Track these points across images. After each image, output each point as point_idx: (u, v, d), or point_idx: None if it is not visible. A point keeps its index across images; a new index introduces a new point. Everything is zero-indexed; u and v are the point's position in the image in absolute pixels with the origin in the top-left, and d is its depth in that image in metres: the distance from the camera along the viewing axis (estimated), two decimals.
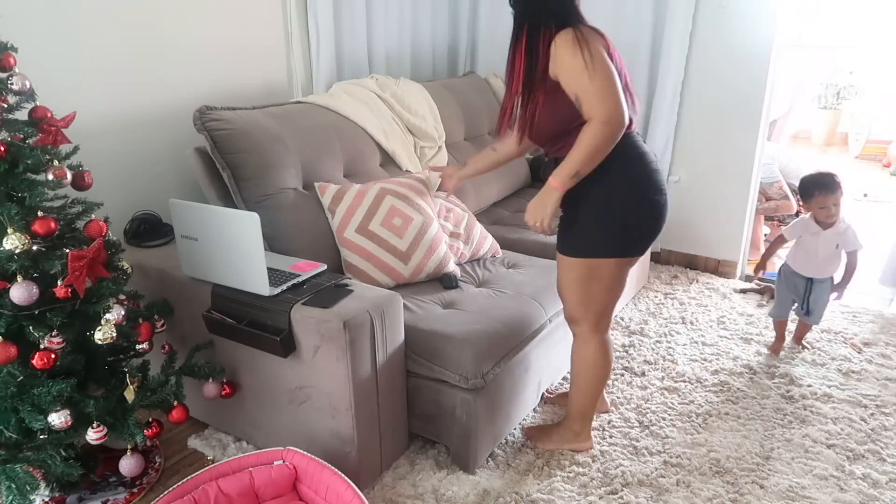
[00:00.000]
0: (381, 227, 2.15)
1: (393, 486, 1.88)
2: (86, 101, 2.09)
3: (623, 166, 1.68)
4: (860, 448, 2.04)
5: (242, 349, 1.87)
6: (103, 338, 1.61)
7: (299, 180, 2.24)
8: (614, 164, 1.65)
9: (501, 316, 1.98)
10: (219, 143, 2.06)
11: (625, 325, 2.85)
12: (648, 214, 1.73)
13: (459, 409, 1.85)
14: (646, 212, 1.73)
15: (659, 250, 3.53)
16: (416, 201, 2.24)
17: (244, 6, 2.55)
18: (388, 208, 2.18)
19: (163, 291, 1.96)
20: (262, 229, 1.67)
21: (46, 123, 1.57)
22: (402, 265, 2.15)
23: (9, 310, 1.51)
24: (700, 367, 2.51)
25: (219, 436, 2.12)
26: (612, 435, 2.11)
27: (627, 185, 1.70)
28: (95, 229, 1.64)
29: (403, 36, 3.29)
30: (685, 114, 3.26)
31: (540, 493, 1.85)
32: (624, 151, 1.67)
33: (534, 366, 2.11)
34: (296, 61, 2.80)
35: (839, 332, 2.78)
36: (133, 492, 1.86)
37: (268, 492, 1.68)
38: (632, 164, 1.70)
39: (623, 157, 1.67)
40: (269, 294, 1.75)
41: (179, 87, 2.38)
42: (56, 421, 1.56)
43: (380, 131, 2.64)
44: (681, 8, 3.02)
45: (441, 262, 2.20)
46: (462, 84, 3.31)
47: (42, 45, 1.96)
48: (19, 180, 1.53)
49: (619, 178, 1.69)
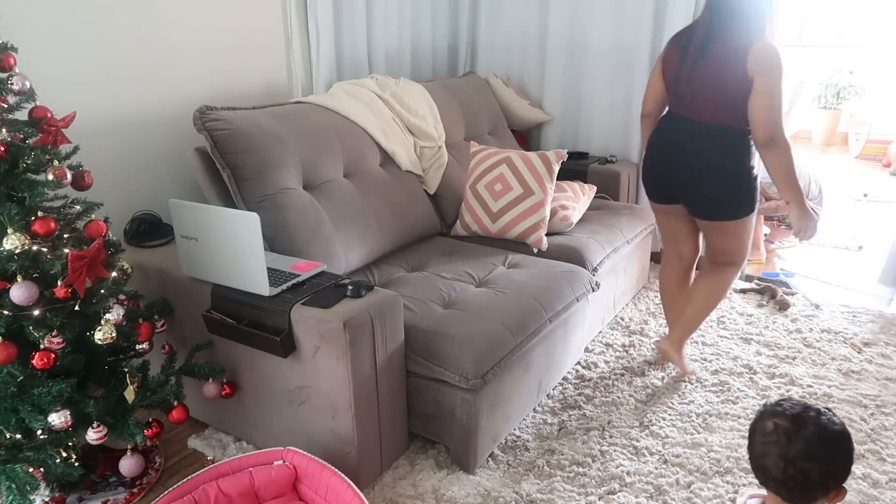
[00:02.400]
0: (485, 188, 2.62)
1: (393, 486, 1.88)
2: (86, 101, 2.09)
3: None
4: (860, 448, 2.04)
5: (242, 349, 1.88)
6: (103, 338, 1.61)
7: (299, 180, 2.24)
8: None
9: (501, 316, 1.98)
10: (219, 143, 2.06)
11: (625, 325, 2.85)
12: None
13: (459, 409, 1.85)
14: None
15: (659, 250, 3.53)
16: (526, 176, 2.54)
17: (244, 6, 2.55)
18: (497, 174, 2.59)
19: (163, 291, 1.96)
20: (262, 229, 1.67)
21: (46, 123, 1.58)
22: (491, 222, 2.59)
23: (9, 310, 1.51)
24: (700, 367, 2.51)
25: (219, 436, 2.12)
26: (612, 435, 2.11)
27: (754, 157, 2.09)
28: (95, 229, 1.64)
29: (403, 36, 3.29)
30: None
31: (540, 493, 1.85)
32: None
33: (534, 366, 2.11)
34: (296, 61, 2.80)
35: (839, 332, 2.78)
36: (133, 492, 1.86)
37: (268, 492, 1.68)
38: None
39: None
40: (269, 294, 1.75)
41: (179, 87, 2.38)
42: (56, 421, 1.56)
43: (380, 131, 2.64)
44: (681, 8, 3.02)
45: (524, 232, 2.57)
46: (462, 84, 3.31)
47: (42, 45, 1.96)
48: (19, 180, 1.53)
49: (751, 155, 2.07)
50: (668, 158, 2.18)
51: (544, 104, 3.59)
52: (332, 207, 2.28)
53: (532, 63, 3.59)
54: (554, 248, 2.56)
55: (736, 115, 1.99)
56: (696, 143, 2.09)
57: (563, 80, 3.50)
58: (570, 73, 3.48)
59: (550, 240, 2.61)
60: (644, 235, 2.98)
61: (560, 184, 2.87)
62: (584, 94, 3.48)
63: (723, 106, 2.01)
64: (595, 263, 2.51)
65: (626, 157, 3.44)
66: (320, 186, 2.32)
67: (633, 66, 3.28)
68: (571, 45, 3.43)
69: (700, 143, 2.08)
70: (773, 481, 1.16)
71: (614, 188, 3.22)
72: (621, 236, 2.75)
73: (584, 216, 2.86)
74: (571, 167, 3.23)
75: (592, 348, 2.65)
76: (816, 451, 1.11)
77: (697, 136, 2.08)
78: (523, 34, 3.56)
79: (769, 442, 1.16)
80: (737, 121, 2.00)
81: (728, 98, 1.99)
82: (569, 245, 2.56)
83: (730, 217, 2.14)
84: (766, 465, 1.16)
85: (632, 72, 3.29)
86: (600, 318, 2.71)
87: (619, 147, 3.46)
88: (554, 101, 3.55)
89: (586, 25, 3.34)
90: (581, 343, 2.50)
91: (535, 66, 3.59)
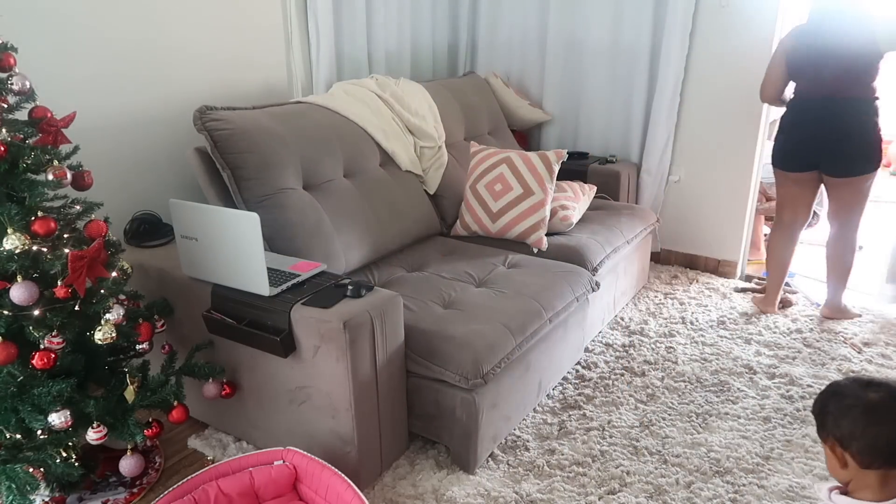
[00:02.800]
0: (485, 188, 2.62)
1: (393, 486, 1.88)
2: (86, 101, 2.09)
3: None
4: None
5: (242, 349, 1.87)
6: (103, 338, 1.61)
7: (299, 180, 2.24)
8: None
9: (501, 316, 1.98)
10: (219, 143, 2.06)
11: (625, 325, 2.85)
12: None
13: (459, 409, 1.85)
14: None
15: (659, 250, 3.53)
16: (526, 176, 2.55)
17: (244, 6, 2.55)
18: (497, 174, 2.60)
19: (163, 291, 1.96)
20: (262, 229, 1.67)
21: (46, 123, 1.57)
22: (491, 222, 2.59)
23: (9, 310, 1.51)
24: (700, 367, 2.51)
25: (219, 436, 2.12)
26: (612, 435, 2.11)
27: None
28: (95, 229, 1.64)
29: (403, 36, 3.29)
30: (685, 114, 3.26)
31: (540, 493, 1.85)
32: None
33: (534, 366, 2.11)
34: (296, 61, 2.80)
35: (839, 332, 2.78)
36: (133, 492, 1.86)
37: (268, 492, 1.68)
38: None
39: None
40: (269, 294, 1.75)
41: (179, 86, 2.38)
42: (56, 421, 1.56)
43: (380, 131, 2.64)
44: (681, 8, 3.02)
45: (524, 232, 2.57)
46: (462, 84, 3.31)
47: (42, 45, 1.96)
48: (19, 180, 1.53)
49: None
50: (817, 130, 2.58)
51: (544, 104, 3.59)
52: (332, 207, 2.28)
53: (532, 63, 3.59)
54: (554, 248, 2.56)
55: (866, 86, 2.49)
56: (839, 113, 2.54)
57: (562, 80, 3.50)
58: (569, 73, 3.48)
59: (550, 240, 2.61)
60: (644, 235, 2.98)
61: (560, 184, 2.87)
62: (583, 94, 3.48)
63: (855, 80, 2.49)
64: (595, 263, 2.51)
65: (626, 157, 3.44)
66: (320, 186, 2.32)
67: (633, 66, 3.28)
68: (571, 45, 3.43)
69: (843, 113, 2.54)
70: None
71: (614, 188, 3.22)
72: (621, 236, 2.75)
73: (584, 216, 2.86)
74: (571, 167, 3.23)
75: (592, 348, 2.65)
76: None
77: (839, 108, 2.54)
78: (523, 34, 3.56)
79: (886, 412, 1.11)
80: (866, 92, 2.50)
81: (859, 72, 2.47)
82: (569, 245, 2.56)
83: (863, 172, 2.59)
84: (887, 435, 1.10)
85: (632, 72, 3.29)
86: (600, 318, 2.71)
87: (619, 147, 3.46)
88: (554, 101, 3.55)
89: (586, 25, 3.34)
90: (581, 343, 2.50)
91: (535, 66, 3.59)
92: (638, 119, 3.34)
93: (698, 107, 3.22)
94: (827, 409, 1.17)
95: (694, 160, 3.32)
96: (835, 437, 1.15)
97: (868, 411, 1.11)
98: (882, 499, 1.11)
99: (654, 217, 3.12)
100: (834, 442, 1.15)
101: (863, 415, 1.11)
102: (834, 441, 1.15)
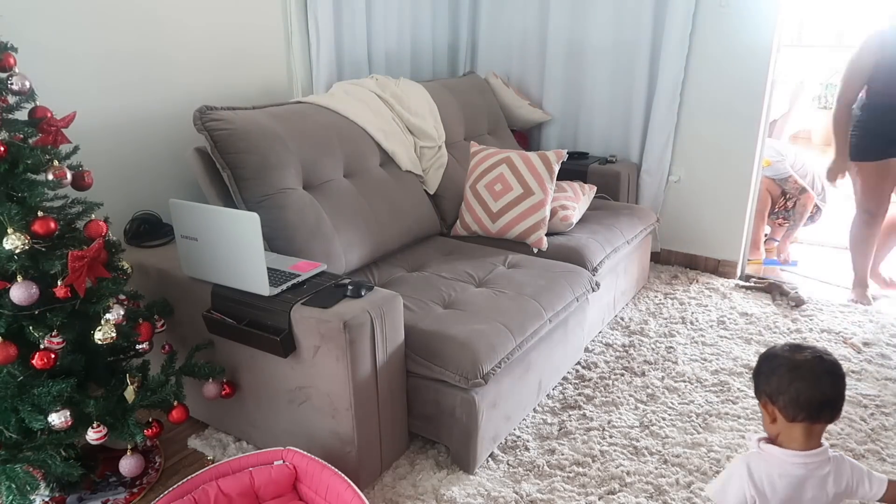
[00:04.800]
0: (485, 188, 2.63)
1: (393, 486, 1.88)
2: (86, 101, 2.09)
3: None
4: (860, 448, 2.04)
5: (242, 349, 1.87)
6: (103, 338, 1.61)
7: (299, 180, 2.24)
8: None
9: (501, 316, 1.98)
10: (219, 143, 2.06)
11: (625, 325, 2.85)
12: None
13: (459, 409, 1.85)
14: None
15: (659, 250, 3.53)
16: (526, 176, 2.55)
17: (244, 6, 2.55)
18: (497, 175, 2.60)
19: (163, 291, 1.96)
20: (262, 229, 1.67)
21: (46, 123, 1.57)
22: (491, 222, 2.59)
23: (9, 310, 1.51)
24: (700, 367, 2.51)
25: (219, 436, 2.12)
26: (612, 435, 2.11)
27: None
28: (95, 229, 1.64)
29: (403, 36, 3.29)
30: (685, 114, 3.26)
31: (540, 493, 1.85)
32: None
33: (534, 366, 2.11)
34: (296, 61, 2.80)
35: (839, 332, 2.78)
36: (133, 492, 1.86)
37: (268, 492, 1.68)
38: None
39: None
40: (269, 294, 1.75)
41: (179, 86, 2.38)
42: (56, 421, 1.56)
43: (380, 131, 2.64)
44: (681, 8, 3.02)
45: (524, 232, 2.57)
46: (462, 84, 3.31)
47: (42, 45, 1.96)
48: (19, 180, 1.53)
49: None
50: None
51: (544, 104, 3.59)
52: (332, 207, 2.28)
53: (532, 63, 3.59)
54: (554, 248, 2.56)
55: None
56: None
57: (563, 80, 3.50)
58: (570, 73, 3.48)
59: (550, 240, 2.61)
60: (644, 235, 2.98)
61: (560, 184, 2.87)
62: (584, 94, 3.48)
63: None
64: (595, 263, 2.51)
65: (626, 157, 3.44)
66: (320, 186, 2.32)
67: (633, 66, 3.28)
68: (571, 45, 3.43)
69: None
70: (827, 405, 1.23)
71: (614, 188, 3.22)
72: (621, 236, 2.75)
73: (584, 216, 2.86)
74: (571, 167, 3.23)
75: (592, 348, 2.65)
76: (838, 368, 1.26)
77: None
78: (523, 34, 3.56)
79: (818, 367, 1.23)
80: None
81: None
82: (569, 245, 2.56)
83: None
84: (823, 390, 1.22)
85: (632, 72, 3.29)
86: (600, 318, 2.71)
87: (619, 147, 3.46)
88: (554, 101, 3.55)
89: (586, 25, 3.34)
90: (581, 343, 2.50)
91: (535, 66, 3.59)
92: (638, 119, 3.34)
93: (698, 107, 3.22)
94: (760, 370, 1.31)
95: (694, 160, 3.32)
96: (766, 394, 1.28)
97: (793, 369, 1.24)
98: (806, 449, 1.25)
99: (654, 217, 3.12)
100: (766, 399, 1.28)
101: (788, 372, 1.24)
102: (766, 398, 1.28)
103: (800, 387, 1.22)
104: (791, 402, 1.23)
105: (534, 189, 2.56)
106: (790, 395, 1.23)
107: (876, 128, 2.89)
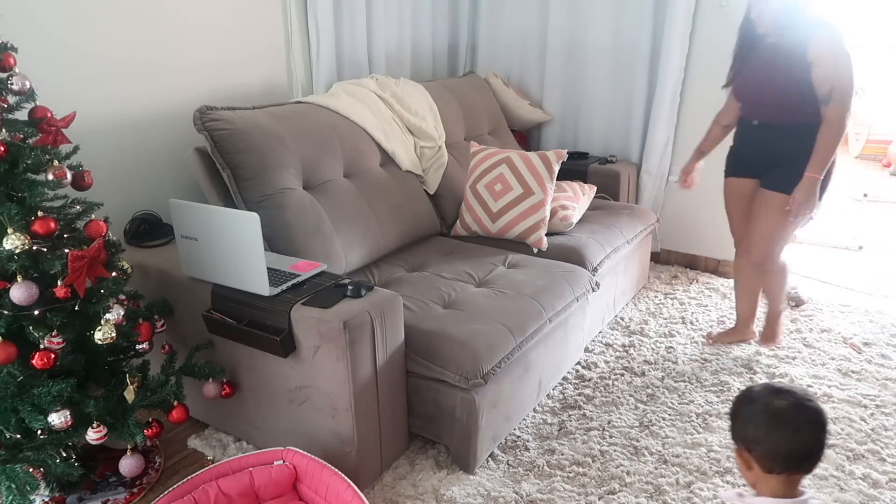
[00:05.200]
0: (485, 188, 2.62)
1: (393, 486, 1.88)
2: (86, 101, 2.09)
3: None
4: (860, 448, 2.04)
5: (242, 349, 1.88)
6: (103, 338, 1.61)
7: (299, 180, 2.24)
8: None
9: (501, 316, 1.98)
10: (219, 143, 2.06)
11: (625, 325, 2.85)
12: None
13: (459, 409, 1.85)
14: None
15: (659, 250, 3.53)
16: (526, 176, 2.54)
17: (244, 6, 2.55)
18: (497, 175, 2.60)
19: (163, 291, 1.96)
20: (262, 229, 1.67)
21: (46, 123, 1.57)
22: (491, 222, 2.59)
23: (9, 310, 1.51)
24: (700, 367, 2.51)
25: (219, 436, 2.12)
26: (612, 435, 2.11)
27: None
28: (95, 229, 1.64)
29: (403, 36, 3.29)
30: (685, 114, 3.26)
31: (540, 493, 1.85)
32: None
33: (534, 366, 2.11)
34: (296, 61, 2.80)
35: (839, 332, 2.78)
36: (133, 492, 1.86)
37: (268, 492, 1.68)
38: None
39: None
40: (269, 294, 1.75)
41: (179, 86, 2.38)
42: (56, 421, 1.56)
43: (380, 131, 2.64)
44: (681, 8, 3.02)
45: (524, 232, 2.56)
46: (462, 84, 3.31)
47: (42, 45, 1.96)
48: (19, 180, 1.53)
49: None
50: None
51: (544, 104, 3.59)
52: (332, 207, 2.28)
53: (532, 63, 3.59)
54: (554, 248, 2.56)
55: None
56: None
57: (563, 80, 3.50)
58: (570, 73, 3.48)
59: (550, 240, 2.61)
60: (644, 235, 2.98)
61: (560, 184, 2.87)
62: (583, 94, 3.48)
63: None
64: (595, 263, 2.51)
65: (626, 157, 3.44)
66: (320, 186, 2.32)
67: (633, 66, 3.28)
68: (571, 45, 3.43)
69: None
70: (807, 457, 1.13)
71: (614, 188, 3.22)
72: (621, 236, 2.75)
73: (584, 216, 2.86)
74: (571, 167, 3.23)
75: (592, 348, 2.65)
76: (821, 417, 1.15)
77: None
78: (523, 34, 3.56)
79: (799, 416, 1.13)
80: None
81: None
82: (569, 245, 2.56)
83: None
84: (803, 442, 1.13)
85: (632, 72, 3.29)
86: (600, 318, 2.71)
87: (619, 147, 3.46)
88: (554, 101, 3.55)
89: (586, 25, 3.34)
90: (581, 343, 2.50)
91: (535, 66, 3.59)
92: (638, 119, 3.34)
93: (698, 107, 3.21)
94: (738, 414, 1.21)
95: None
96: (742, 441, 1.19)
97: (772, 418, 1.14)
98: (786, 497, 1.16)
99: (654, 217, 3.12)
100: (741, 446, 1.19)
101: (767, 421, 1.14)
102: (741, 444, 1.19)
103: (778, 438, 1.13)
104: (767, 454, 1.14)
105: (534, 189, 2.56)
106: (767, 447, 1.14)
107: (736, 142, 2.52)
